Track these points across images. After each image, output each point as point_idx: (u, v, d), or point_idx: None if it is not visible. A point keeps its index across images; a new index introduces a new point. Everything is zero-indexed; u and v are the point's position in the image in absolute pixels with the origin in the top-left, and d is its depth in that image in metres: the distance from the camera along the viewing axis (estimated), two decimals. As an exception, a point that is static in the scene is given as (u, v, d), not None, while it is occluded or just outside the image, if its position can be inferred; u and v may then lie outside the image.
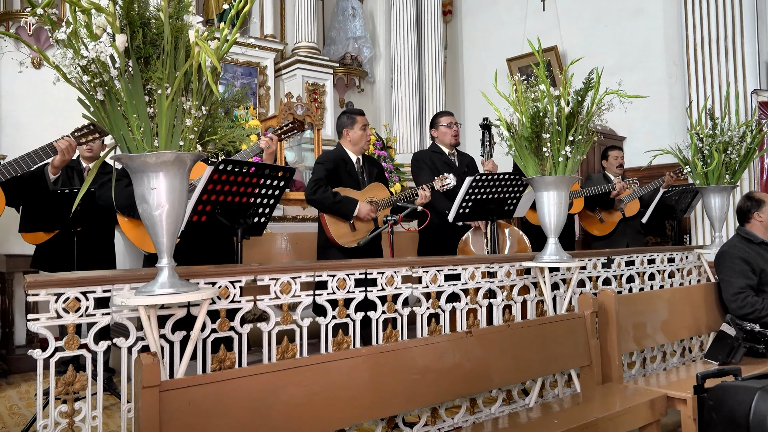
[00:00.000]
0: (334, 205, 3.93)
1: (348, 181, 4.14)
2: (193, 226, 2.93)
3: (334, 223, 3.99)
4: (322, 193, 3.94)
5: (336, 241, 3.95)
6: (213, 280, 2.36)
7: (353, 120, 4.22)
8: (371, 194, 4.13)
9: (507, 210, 4.05)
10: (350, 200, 3.97)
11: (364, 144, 4.25)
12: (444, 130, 4.68)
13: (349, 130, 4.22)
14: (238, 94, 2.40)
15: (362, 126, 4.22)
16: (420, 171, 4.64)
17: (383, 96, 8.45)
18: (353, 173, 4.20)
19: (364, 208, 3.99)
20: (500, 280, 3.27)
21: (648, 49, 7.31)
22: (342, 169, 4.14)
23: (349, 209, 3.96)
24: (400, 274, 2.89)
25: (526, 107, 3.05)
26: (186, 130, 1.92)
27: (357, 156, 4.24)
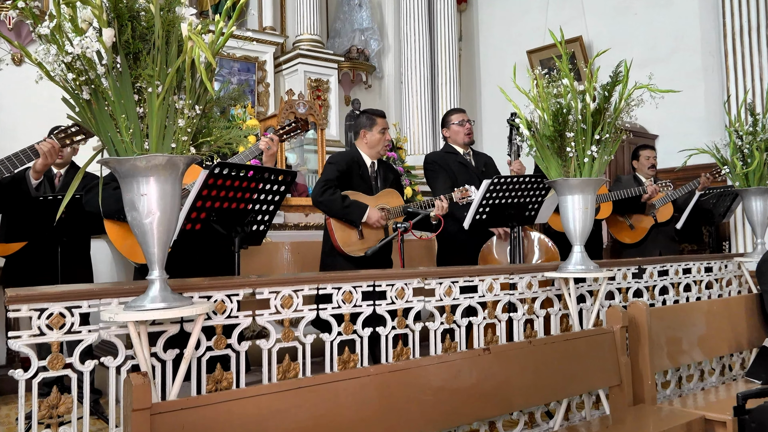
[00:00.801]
0: (342, 209, 3.95)
1: (360, 185, 4.15)
2: (186, 235, 2.94)
3: (341, 229, 4.00)
4: (330, 195, 3.95)
5: (342, 248, 3.97)
6: (208, 293, 2.37)
7: (372, 121, 4.24)
8: (383, 201, 4.14)
9: (528, 216, 4.04)
10: (359, 205, 3.98)
11: (382, 149, 4.26)
12: (456, 129, 4.69)
13: (366, 132, 4.24)
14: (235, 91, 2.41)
15: (381, 129, 4.24)
16: (435, 175, 4.65)
17: (392, 92, 8.47)
18: (366, 177, 4.21)
19: (374, 215, 4.00)
20: (521, 292, 3.26)
21: (681, 39, 7.29)
22: (355, 171, 4.16)
23: (357, 215, 3.98)
24: (412, 286, 2.89)
25: (547, 103, 3.05)
26: (179, 131, 1.93)
27: (372, 160, 4.26)
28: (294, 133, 3.97)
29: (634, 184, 5.75)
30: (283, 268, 5.06)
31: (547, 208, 4.47)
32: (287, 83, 7.38)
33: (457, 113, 4.76)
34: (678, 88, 3.60)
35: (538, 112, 3.10)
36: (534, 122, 3.14)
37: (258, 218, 3.18)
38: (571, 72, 3.03)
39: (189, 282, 2.34)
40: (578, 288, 3.47)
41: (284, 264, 5.09)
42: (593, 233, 4.02)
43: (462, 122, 4.67)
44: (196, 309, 2.02)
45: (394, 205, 4.14)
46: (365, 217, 3.98)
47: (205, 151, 2.09)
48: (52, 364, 2.06)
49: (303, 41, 7.47)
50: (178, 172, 1.97)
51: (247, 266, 4.69)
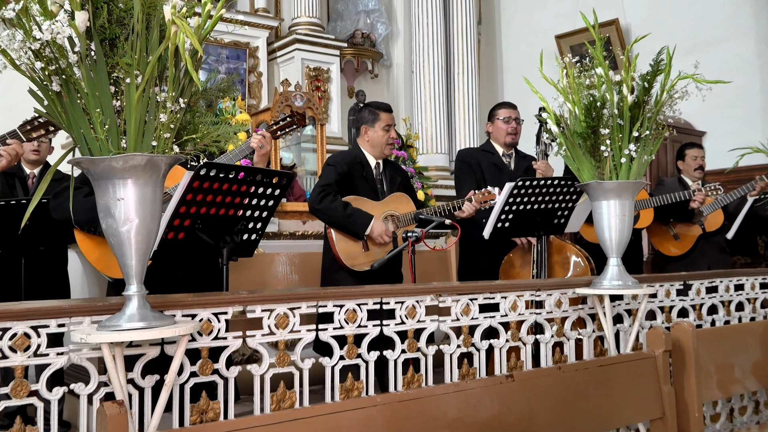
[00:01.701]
0: (343, 218, 3.95)
1: (364, 188, 4.15)
2: (168, 244, 2.96)
3: (343, 240, 4.01)
4: (330, 202, 3.95)
5: (344, 262, 3.97)
6: (193, 311, 2.38)
7: (375, 116, 4.24)
8: (392, 206, 4.13)
9: (557, 224, 4.04)
10: (363, 215, 3.98)
11: (386, 148, 4.26)
12: (500, 125, 4.69)
13: (368, 128, 4.24)
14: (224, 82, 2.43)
15: (386, 126, 4.24)
16: (460, 175, 4.66)
17: (402, 83, 8.50)
18: (371, 180, 4.21)
19: (377, 228, 3.98)
20: (549, 311, 3.26)
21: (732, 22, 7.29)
22: (357, 173, 4.16)
23: (359, 226, 3.97)
24: (424, 303, 2.89)
25: (579, 96, 3.06)
26: (160, 128, 1.94)
27: (377, 160, 4.26)
28: (290, 129, 3.98)
29: (678, 187, 5.75)
30: (278, 283, 5.07)
31: (578, 215, 4.46)
32: (282, 72, 7.41)
33: (505, 108, 4.76)
34: (728, 78, 3.60)
35: (568, 106, 3.10)
36: (564, 117, 3.14)
37: (249, 226, 3.18)
38: (606, 60, 3.03)
39: (171, 299, 2.35)
40: (614, 307, 3.46)
41: (279, 278, 5.10)
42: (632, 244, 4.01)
43: (507, 119, 4.67)
44: (179, 329, 2.03)
45: (403, 211, 4.14)
46: (368, 230, 3.98)
47: (189, 150, 2.10)
48: (15, 392, 2.07)
49: (300, 25, 7.51)
50: (159, 173, 1.99)
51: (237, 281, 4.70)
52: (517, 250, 4.40)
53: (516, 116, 4.71)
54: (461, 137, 8.34)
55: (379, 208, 4.10)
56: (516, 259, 4.40)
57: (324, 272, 4.19)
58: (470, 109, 8.38)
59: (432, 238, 6.37)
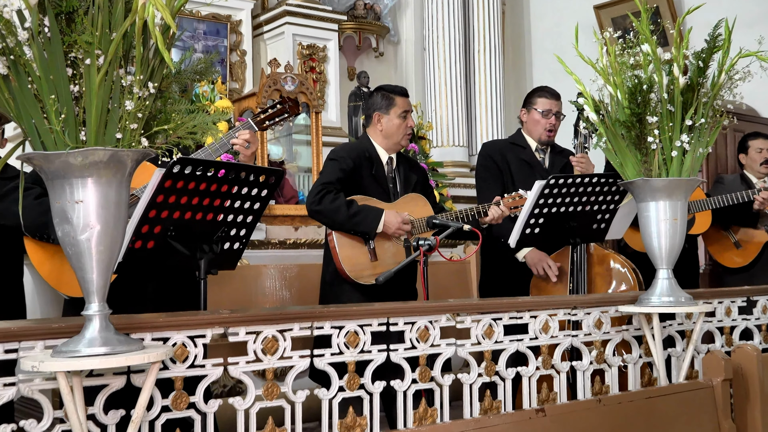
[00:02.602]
0: (348, 218, 3.92)
1: (373, 188, 4.14)
2: (135, 255, 2.96)
3: (348, 247, 3.99)
4: (331, 201, 3.93)
5: (348, 274, 3.95)
6: (164, 334, 2.38)
7: (390, 102, 4.24)
8: (405, 210, 4.12)
9: (596, 229, 4.03)
10: (371, 210, 3.96)
11: (402, 139, 4.25)
12: (536, 118, 4.64)
13: (381, 116, 4.23)
14: (201, 63, 2.43)
15: (402, 112, 4.23)
16: (483, 173, 4.66)
17: (412, 63, 8.49)
18: (381, 178, 4.20)
19: (392, 220, 3.96)
20: (587, 333, 3.25)
21: (804, -12, 7.28)
22: (365, 170, 4.15)
23: (370, 222, 3.94)
24: (439, 324, 2.89)
25: (622, 77, 3.06)
26: (126, 117, 1.95)
27: (389, 155, 4.26)
28: (279, 119, 3.97)
29: (741, 186, 5.73)
30: (266, 301, 5.07)
31: (621, 219, 4.45)
32: (270, 51, 7.41)
33: (546, 97, 4.68)
34: (799, 56, 3.59)
35: (609, 90, 3.10)
36: (604, 103, 3.14)
37: (232, 233, 3.18)
38: (654, 35, 3.03)
39: (139, 319, 2.36)
40: (665, 327, 3.46)
41: (267, 295, 5.10)
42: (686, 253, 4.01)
43: (547, 113, 4.62)
44: (149, 355, 2.03)
45: (419, 215, 4.13)
46: (381, 224, 3.96)
47: (160, 144, 2.10)
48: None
49: (292, -6, 7.51)
50: (125, 171, 1.99)
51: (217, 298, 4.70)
52: (553, 260, 4.39)
53: (558, 110, 4.64)
54: (483, 127, 8.33)
55: None
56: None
57: (324, 287, 4.19)
58: (493, 93, 8.37)
59: (448, 247, 6.36)
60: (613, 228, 4.20)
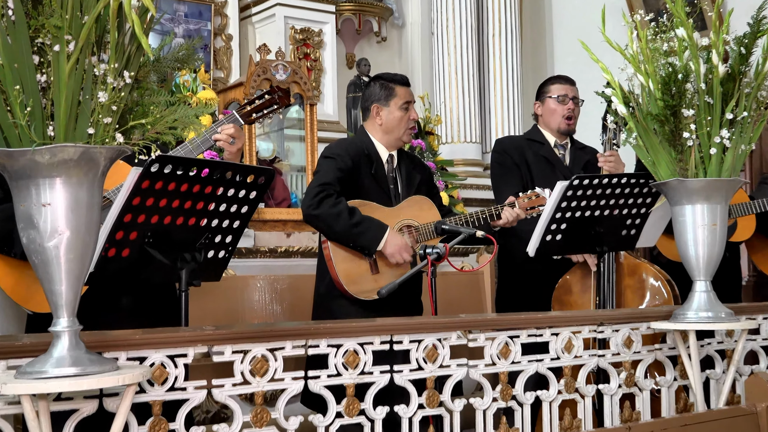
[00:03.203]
0: (349, 228, 3.90)
1: (372, 190, 4.14)
2: (108, 264, 2.96)
3: (345, 258, 3.98)
4: (331, 206, 3.92)
5: (346, 288, 3.94)
6: (141, 353, 2.38)
7: (389, 92, 4.23)
8: (409, 215, 4.11)
9: (626, 236, 4.02)
10: (375, 225, 3.94)
11: (404, 134, 4.25)
12: (552, 106, 4.66)
13: (381, 108, 4.23)
14: (182, 49, 2.44)
15: (404, 104, 4.22)
16: (499, 171, 4.67)
17: (418, 48, 8.49)
18: (381, 178, 4.20)
19: (394, 243, 3.93)
20: (615, 353, 3.25)
21: None
22: (364, 169, 4.14)
23: (370, 239, 3.92)
24: (449, 342, 2.89)
25: (654, 66, 3.06)
26: (99, 110, 1.95)
27: (390, 152, 4.26)
28: (269, 111, 3.96)
29: (789, 187, 5.72)
30: (255, 316, 5.06)
31: (654, 224, 4.44)
32: (259, 36, 7.40)
33: (559, 83, 4.73)
34: None
35: (640, 79, 3.10)
36: (634, 94, 3.14)
37: (216, 240, 3.18)
38: (690, 18, 3.03)
39: (113, 336, 2.36)
40: (703, 347, 3.45)
41: (255, 309, 5.09)
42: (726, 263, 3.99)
43: (562, 98, 4.64)
44: (124, 377, 2.03)
45: (425, 220, 4.12)
46: (383, 243, 3.97)
47: (137, 140, 2.11)
48: None
49: (283, -28, 7.52)
50: (97, 170, 1.99)
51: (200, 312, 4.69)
52: (576, 271, 4.38)
53: (574, 94, 4.67)
54: (498, 121, 8.31)
55: (393, 217, 4.09)
56: (574, 283, 4.38)
57: (317, 301, 4.18)
58: (510, 82, 8.36)
59: (459, 256, 6.35)
60: (644, 235, 4.20)
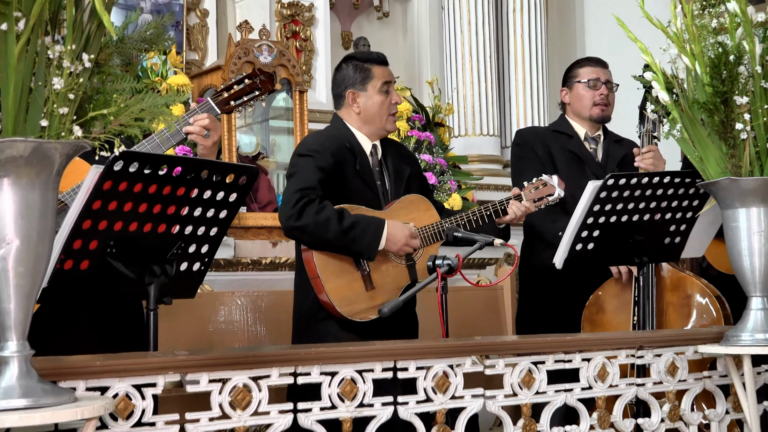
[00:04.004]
0: (341, 235, 3.87)
1: (359, 190, 4.13)
2: (65, 278, 2.96)
3: (335, 275, 3.97)
4: (316, 213, 3.89)
5: (338, 311, 3.93)
6: (103, 382, 2.38)
7: (366, 74, 4.23)
8: (404, 218, 4.09)
9: (669, 245, 4.02)
10: (370, 222, 3.93)
11: (387, 121, 4.25)
12: (581, 93, 4.67)
13: (357, 94, 4.22)
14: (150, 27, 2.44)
15: (383, 85, 4.22)
16: (519, 166, 4.70)
17: (426, 25, 8.48)
18: (367, 175, 4.20)
19: (398, 234, 3.92)
20: (657, 381, 3.25)
21: None
22: (347, 166, 4.13)
23: (369, 239, 3.90)
24: (462, 369, 2.89)
25: (701, 46, 3.06)
26: (54, 99, 1.96)
27: (373, 142, 4.26)
28: (250, 98, 3.95)
29: None
30: (235, 339, 5.06)
31: (702, 231, 4.44)
32: (240, 11, 7.40)
33: (589, 65, 4.75)
34: None
35: (685, 61, 3.11)
36: (678, 79, 3.15)
37: (190, 250, 3.19)
38: (744, -9, 3.04)
39: (70, 363, 2.36)
40: (759, 374, 3.45)
41: (236, 331, 5.10)
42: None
43: (593, 83, 4.65)
44: (83, 410, 2.03)
45: (423, 222, 4.11)
46: (383, 240, 3.95)
47: (98, 133, 2.11)
48: None
49: (268, -63, 7.52)
50: (51, 169, 2.00)
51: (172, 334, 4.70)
52: (609, 287, 4.38)
53: (607, 78, 4.68)
54: (519, 110, 8.31)
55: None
56: (607, 300, 4.39)
57: (300, 322, 4.17)
58: (533, 65, 8.35)
59: (474, 268, 6.35)
60: (691, 243, 4.19)
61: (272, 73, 4.60)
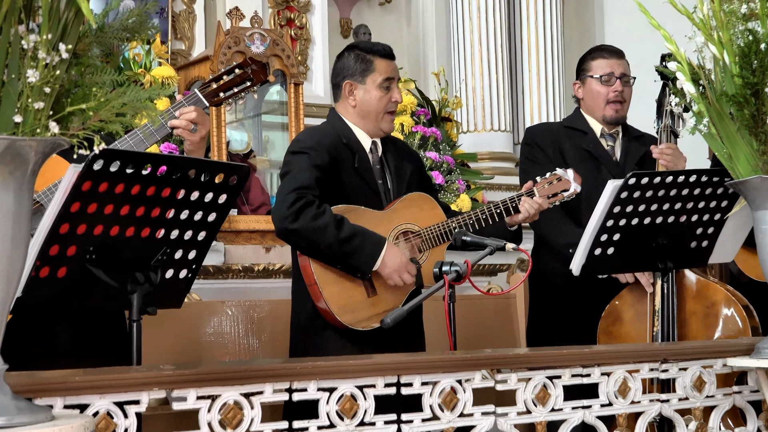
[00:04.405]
0: (337, 244, 3.86)
1: (358, 189, 4.14)
2: (40, 287, 2.96)
3: (334, 281, 3.97)
4: (314, 217, 3.88)
5: (338, 319, 3.93)
6: (82, 399, 2.38)
7: (367, 66, 4.24)
8: (407, 218, 4.11)
9: (695, 249, 4.02)
10: (370, 238, 3.93)
11: (383, 120, 4.26)
12: (594, 88, 4.67)
13: (355, 86, 4.23)
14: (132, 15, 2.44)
15: (384, 81, 4.23)
16: (527, 165, 4.71)
17: (432, 12, 8.49)
18: (368, 173, 4.21)
19: (392, 260, 3.91)
20: (682, 397, 3.25)
21: None
22: (345, 164, 4.13)
23: (365, 256, 3.91)
24: (471, 385, 2.89)
25: (730, 33, 3.06)
26: (29, 93, 1.96)
27: (373, 138, 4.26)
28: (241, 90, 3.96)
29: None
30: (224, 352, 5.07)
31: (732, 234, 4.44)
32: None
33: (602, 57, 4.75)
34: None
35: (712, 50, 3.11)
36: (705, 69, 3.15)
37: (177, 256, 3.19)
38: (775, -27, 3.04)
39: (46, 379, 2.36)
40: (793, 389, 3.45)
41: (226, 343, 5.10)
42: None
43: (607, 78, 4.64)
44: (60, 429, 2.03)
45: (427, 222, 4.11)
46: (378, 262, 3.96)
47: (76, 130, 2.11)
48: None
49: None
50: (26, 168, 2.00)
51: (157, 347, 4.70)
52: (626, 296, 4.38)
53: (622, 71, 4.67)
54: (533, 103, 8.31)
55: (387, 223, 4.08)
56: (624, 310, 4.39)
57: (297, 333, 4.17)
58: (548, 54, 8.35)
59: (485, 275, 6.35)
60: (720, 247, 4.19)
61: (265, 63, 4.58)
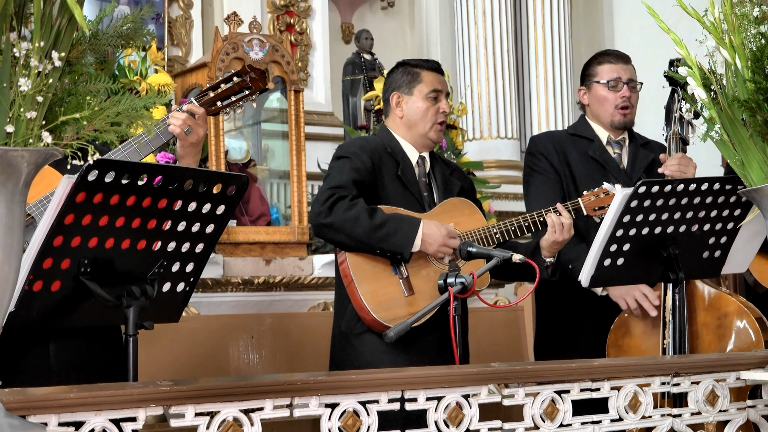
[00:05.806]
0: (371, 231, 3.90)
1: (400, 196, 4.21)
2: (33, 301, 2.96)
3: (370, 278, 3.98)
4: (346, 209, 3.92)
5: (374, 316, 3.94)
6: (77, 416, 2.38)
7: (414, 78, 4.29)
8: (446, 221, 4.12)
9: (708, 259, 4.02)
10: (404, 220, 4.01)
11: (431, 130, 4.30)
12: (600, 93, 4.68)
13: (402, 97, 4.28)
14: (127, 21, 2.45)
15: (431, 92, 4.28)
16: (533, 179, 4.71)
17: (436, 16, 8.50)
18: (411, 183, 4.26)
19: (435, 233, 3.98)
20: (695, 411, 3.25)
21: None
22: (387, 171, 4.17)
23: (402, 237, 3.98)
24: (477, 400, 2.89)
25: (742, 37, 3.07)
26: (21, 102, 1.97)
27: (421, 153, 4.31)
28: (239, 98, 3.97)
29: None
30: (224, 368, 5.07)
31: (746, 243, 4.44)
32: (227, 3, 7.41)
33: (609, 62, 4.75)
34: None
35: (724, 54, 3.11)
36: (716, 74, 3.15)
37: (174, 269, 3.19)
38: (789, -26, 3.05)
39: (40, 395, 2.36)
40: (810, 404, 3.45)
41: (226, 358, 5.10)
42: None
43: (613, 83, 4.66)
44: (54, 448, 2.04)
45: (468, 227, 4.14)
46: (418, 240, 3.99)
47: (70, 140, 2.12)
48: None
49: None
50: (18, 180, 2.01)
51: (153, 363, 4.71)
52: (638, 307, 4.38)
53: (629, 76, 4.67)
54: (540, 110, 8.30)
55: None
56: (634, 322, 4.38)
57: (336, 341, 4.19)
58: (556, 59, 8.35)
59: (491, 287, 6.34)
60: (733, 257, 4.18)
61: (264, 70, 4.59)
